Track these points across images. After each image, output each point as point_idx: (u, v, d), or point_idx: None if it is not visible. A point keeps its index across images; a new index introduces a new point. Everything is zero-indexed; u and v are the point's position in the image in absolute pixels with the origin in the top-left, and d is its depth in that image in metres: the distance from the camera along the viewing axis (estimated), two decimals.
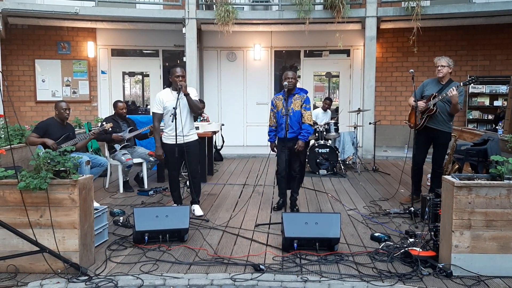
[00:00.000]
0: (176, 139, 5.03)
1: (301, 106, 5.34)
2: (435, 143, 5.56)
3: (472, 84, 5.36)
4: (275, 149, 5.57)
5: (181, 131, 5.08)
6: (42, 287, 3.39)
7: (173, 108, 4.90)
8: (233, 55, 11.70)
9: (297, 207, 5.58)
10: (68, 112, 5.86)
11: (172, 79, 5.11)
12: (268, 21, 10.46)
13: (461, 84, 5.15)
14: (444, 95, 5.17)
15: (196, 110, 5.17)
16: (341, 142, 8.52)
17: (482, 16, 9.88)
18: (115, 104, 6.90)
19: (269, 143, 5.62)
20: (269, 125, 5.59)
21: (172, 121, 4.91)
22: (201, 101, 8.32)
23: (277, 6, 10.39)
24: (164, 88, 9.07)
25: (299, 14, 9.67)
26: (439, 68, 5.36)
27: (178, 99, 4.98)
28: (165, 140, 5.28)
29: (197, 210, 5.39)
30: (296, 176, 5.52)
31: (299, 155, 5.41)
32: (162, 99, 5.17)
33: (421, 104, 5.37)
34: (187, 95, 5.03)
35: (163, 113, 5.19)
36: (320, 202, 6.09)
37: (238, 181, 7.54)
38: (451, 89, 5.06)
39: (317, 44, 11.46)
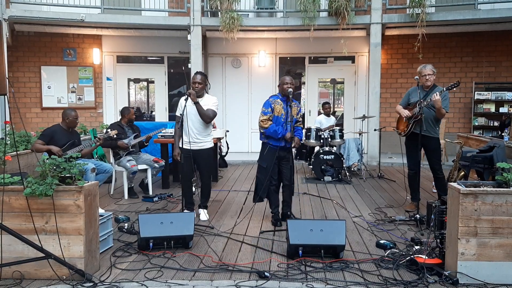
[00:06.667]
0: (182, 143, 5.22)
1: (297, 114, 5.36)
2: (426, 150, 5.66)
3: (454, 88, 5.42)
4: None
5: (187, 137, 5.22)
6: None
7: (180, 114, 5.13)
8: (238, 61, 11.73)
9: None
10: (77, 121, 5.99)
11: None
12: (273, 28, 10.50)
13: (444, 89, 5.28)
14: (429, 100, 5.28)
15: (205, 119, 5.23)
16: (346, 149, 8.50)
17: (487, 22, 9.87)
18: (126, 110, 6.90)
19: (285, 136, 5.06)
20: (266, 127, 5.09)
21: (179, 127, 5.16)
22: None
23: (282, 13, 10.42)
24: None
25: (304, 20, 9.70)
26: (427, 77, 5.46)
27: (185, 105, 5.10)
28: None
29: (202, 214, 5.43)
30: (287, 185, 5.28)
31: (289, 160, 5.28)
32: (181, 103, 5.32)
33: (407, 112, 5.56)
34: (196, 103, 5.12)
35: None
36: (325, 209, 6.08)
37: (243, 187, 7.53)
38: (434, 94, 5.18)
39: (322, 50, 11.47)
